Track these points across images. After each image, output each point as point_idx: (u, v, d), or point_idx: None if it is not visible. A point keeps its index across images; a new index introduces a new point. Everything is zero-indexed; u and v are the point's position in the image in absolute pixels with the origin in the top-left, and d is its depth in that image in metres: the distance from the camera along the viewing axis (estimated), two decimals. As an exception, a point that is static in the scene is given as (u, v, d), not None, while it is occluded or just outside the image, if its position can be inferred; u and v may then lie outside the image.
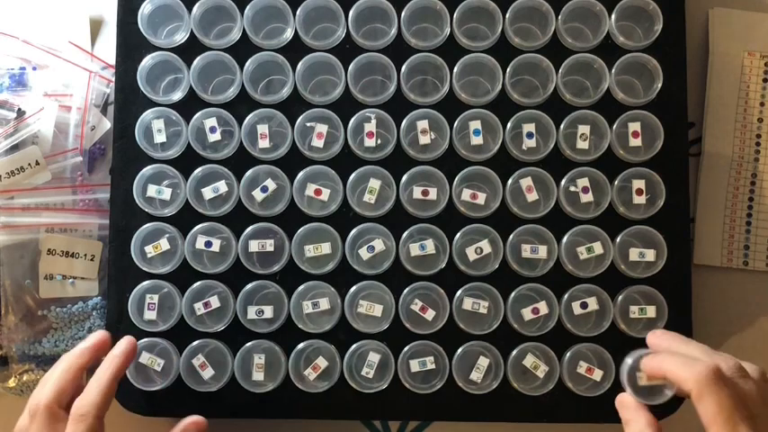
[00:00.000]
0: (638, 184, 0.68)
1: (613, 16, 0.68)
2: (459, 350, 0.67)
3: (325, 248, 0.67)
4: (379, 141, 0.68)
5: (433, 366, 0.67)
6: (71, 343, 0.70)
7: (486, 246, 0.68)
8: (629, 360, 0.59)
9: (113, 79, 0.73)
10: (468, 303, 0.67)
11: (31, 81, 0.72)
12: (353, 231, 0.67)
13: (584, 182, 0.68)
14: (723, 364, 0.54)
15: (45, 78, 0.72)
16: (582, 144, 0.68)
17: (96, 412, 0.59)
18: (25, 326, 0.70)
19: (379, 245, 0.67)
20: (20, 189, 0.69)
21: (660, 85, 0.68)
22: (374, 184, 0.68)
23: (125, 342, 0.64)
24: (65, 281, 0.70)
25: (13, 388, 0.71)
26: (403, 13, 0.68)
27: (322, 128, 0.68)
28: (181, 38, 0.69)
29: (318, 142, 0.68)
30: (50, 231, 0.70)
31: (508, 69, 0.68)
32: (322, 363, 0.67)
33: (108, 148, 0.73)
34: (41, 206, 0.70)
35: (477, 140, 0.68)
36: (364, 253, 0.67)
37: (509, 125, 0.68)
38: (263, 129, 0.68)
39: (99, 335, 0.65)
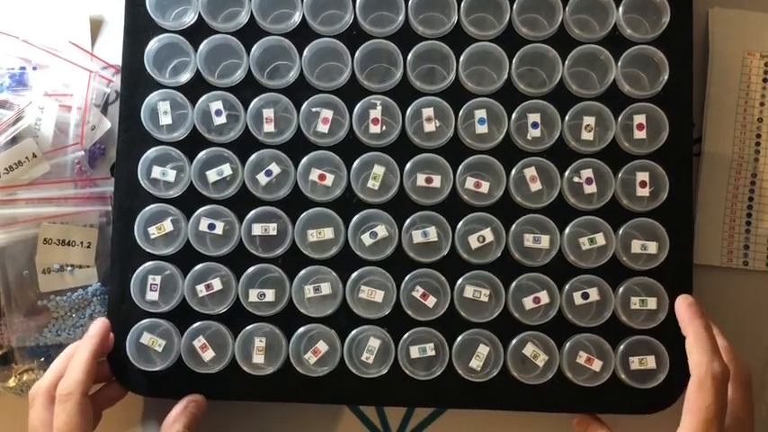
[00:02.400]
0: (642, 176, 0.68)
1: (621, 8, 0.69)
2: (460, 338, 0.67)
3: (328, 233, 0.67)
4: (383, 128, 0.68)
5: (433, 353, 0.67)
6: (72, 332, 0.70)
7: (488, 234, 0.68)
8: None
9: (114, 79, 0.73)
10: (469, 291, 0.67)
11: (31, 81, 0.72)
12: (356, 217, 0.68)
13: (587, 173, 0.68)
14: (735, 368, 0.60)
15: (45, 78, 0.72)
16: (587, 135, 0.69)
17: (81, 389, 0.61)
18: (28, 321, 0.70)
19: (381, 231, 0.68)
20: (21, 185, 0.69)
21: (666, 78, 0.68)
22: (378, 170, 0.68)
23: (99, 323, 0.66)
24: (63, 271, 0.70)
25: (13, 387, 0.70)
26: (410, 1, 0.68)
27: (327, 113, 0.68)
28: (189, 20, 0.69)
29: (323, 128, 0.68)
30: (53, 224, 0.70)
31: (514, 59, 0.68)
32: (322, 347, 0.67)
33: (108, 147, 0.73)
34: (44, 199, 0.70)
35: (481, 129, 0.68)
36: (367, 239, 0.68)
37: (514, 115, 0.68)
38: (268, 113, 0.68)
39: (99, 322, 0.66)
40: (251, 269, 0.67)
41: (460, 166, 0.68)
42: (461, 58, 0.68)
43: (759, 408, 0.73)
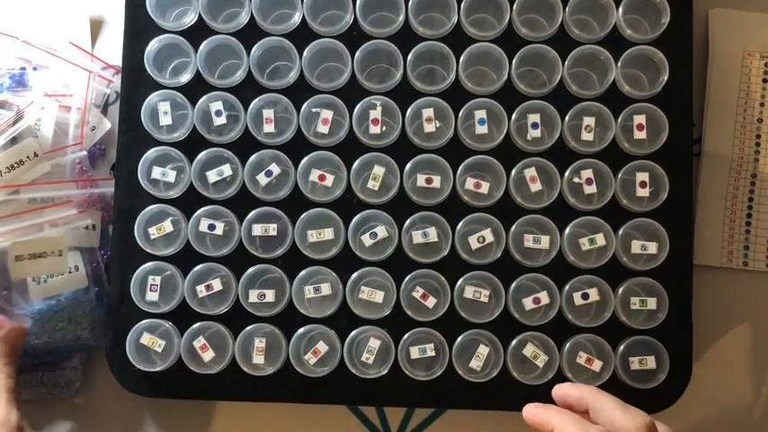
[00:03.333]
0: (642, 176, 0.68)
1: (620, 9, 0.69)
2: (460, 338, 0.67)
3: (328, 234, 0.67)
4: (383, 129, 0.68)
5: (433, 354, 0.67)
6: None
7: (488, 235, 0.68)
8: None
9: (114, 79, 0.73)
10: (469, 292, 0.67)
11: (31, 81, 0.72)
12: (356, 218, 0.68)
13: (587, 173, 0.68)
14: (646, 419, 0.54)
15: (45, 78, 0.72)
16: (586, 136, 0.69)
17: None
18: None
19: (381, 232, 0.68)
20: (22, 184, 0.69)
21: (666, 79, 0.68)
22: (378, 171, 0.68)
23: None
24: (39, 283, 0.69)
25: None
26: (410, 2, 0.68)
27: (327, 114, 0.68)
28: (189, 21, 0.69)
29: (323, 128, 0.68)
30: (54, 226, 0.69)
31: (514, 60, 0.68)
32: (322, 348, 0.67)
33: (108, 148, 0.73)
34: (47, 200, 0.69)
35: (481, 130, 0.68)
36: (367, 239, 0.68)
37: (514, 115, 0.68)
38: (268, 113, 0.68)
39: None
40: (251, 270, 0.67)
41: (460, 167, 0.68)
42: (461, 59, 0.68)
43: (758, 408, 0.73)
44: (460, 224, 0.68)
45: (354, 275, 0.67)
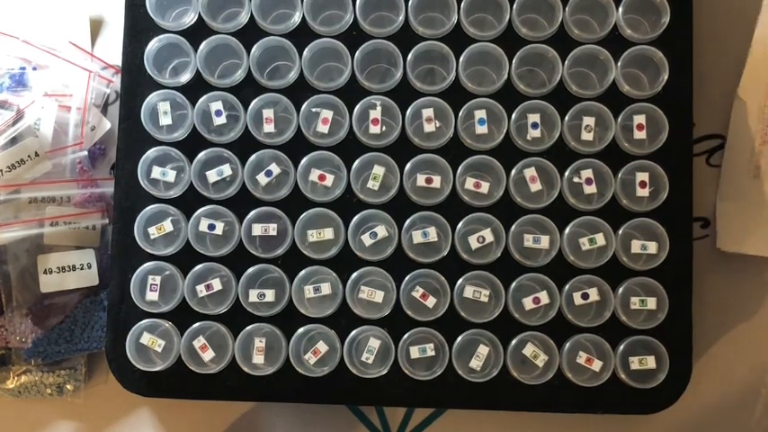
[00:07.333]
0: (642, 176, 0.68)
1: (620, 8, 0.68)
2: (460, 338, 0.67)
3: (328, 234, 0.67)
4: (383, 128, 0.68)
5: (433, 353, 0.67)
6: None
7: (488, 235, 0.68)
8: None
9: (114, 79, 0.73)
10: (469, 291, 0.67)
11: (31, 81, 0.72)
12: (356, 217, 0.68)
13: (587, 173, 0.68)
14: None
15: (45, 78, 0.72)
16: (586, 135, 0.69)
17: None
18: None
19: (381, 231, 0.68)
20: (23, 183, 0.69)
21: (666, 78, 0.68)
22: (378, 170, 0.68)
23: None
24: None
25: (12, 389, 0.70)
26: (410, 1, 0.68)
27: (327, 114, 0.68)
28: (189, 21, 0.69)
29: (323, 128, 0.68)
30: (55, 225, 0.69)
31: (514, 60, 0.68)
32: (322, 347, 0.67)
33: (108, 148, 0.73)
34: (47, 199, 0.70)
35: (481, 130, 0.68)
36: (367, 239, 0.68)
37: (514, 115, 0.68)
38: (268, 113, 0.68)
39: None
40: (251, 269, 0.67)
41: (460, 167, 0.68)
42: (461, 59, 0.68)
43: (758, 407, 0.73)
44: (460, 224, 0.68)
45: (354, 275, 0.67)
